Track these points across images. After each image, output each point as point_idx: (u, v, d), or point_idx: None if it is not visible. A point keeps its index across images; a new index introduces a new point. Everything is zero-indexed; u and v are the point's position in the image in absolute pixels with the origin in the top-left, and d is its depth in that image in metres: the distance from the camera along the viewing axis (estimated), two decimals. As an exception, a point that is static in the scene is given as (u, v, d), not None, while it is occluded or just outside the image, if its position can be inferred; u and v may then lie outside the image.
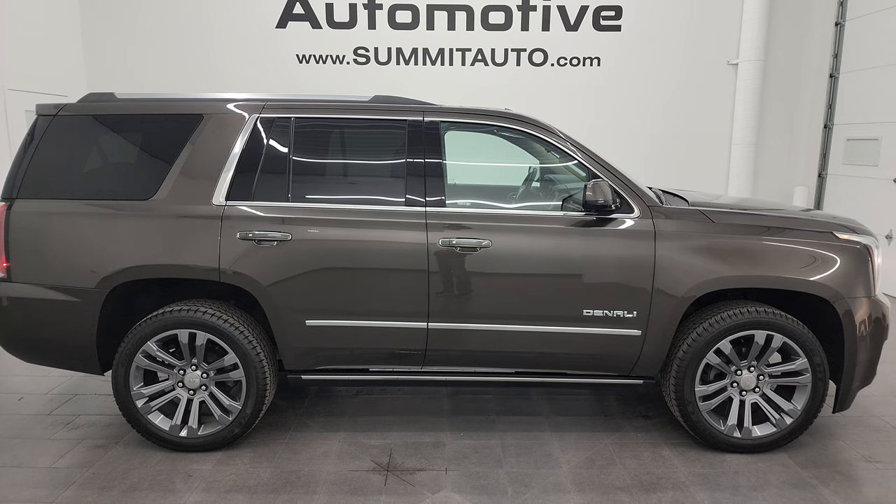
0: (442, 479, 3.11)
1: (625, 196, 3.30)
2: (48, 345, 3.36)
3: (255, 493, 2.96)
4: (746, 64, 7.95)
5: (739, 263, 3.21)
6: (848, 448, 3.47)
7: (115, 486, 3.02)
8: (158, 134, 3.39)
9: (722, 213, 3.37)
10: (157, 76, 8.16)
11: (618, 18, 8.17)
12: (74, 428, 3.64)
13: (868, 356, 3.28)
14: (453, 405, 4.01)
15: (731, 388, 3.32)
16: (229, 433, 3.31)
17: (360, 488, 3.02)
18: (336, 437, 3.53)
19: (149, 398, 3.28)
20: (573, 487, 3.04)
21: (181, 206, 3.23)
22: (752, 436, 3.32)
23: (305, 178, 3.36)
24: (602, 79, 8.27)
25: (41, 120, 3.34)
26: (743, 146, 8.10)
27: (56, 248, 3.24)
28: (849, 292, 3.20)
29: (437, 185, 3.30)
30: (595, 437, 3.57)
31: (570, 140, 3.43)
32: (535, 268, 3.25)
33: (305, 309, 3.25)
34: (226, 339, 3.21)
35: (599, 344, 3.30)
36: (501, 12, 8.15)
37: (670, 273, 3.20)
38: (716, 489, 3.03)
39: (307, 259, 3.21)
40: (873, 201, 7.15)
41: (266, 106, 3.39)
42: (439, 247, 3.21)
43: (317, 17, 8.15)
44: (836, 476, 3.17)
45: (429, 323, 3.27)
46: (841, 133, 7.92)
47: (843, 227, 3.39)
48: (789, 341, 3.22)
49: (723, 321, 3.20)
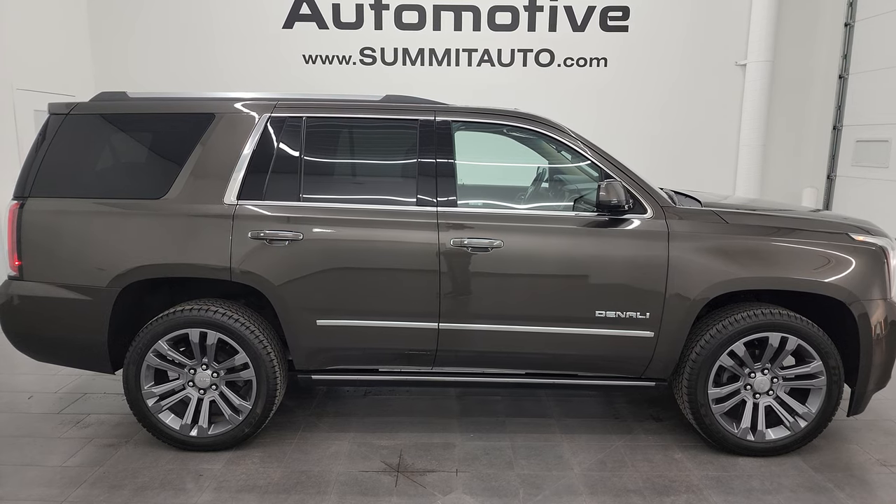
0: (453, 480, 3.10)
1: (637, 196, 3.28)
2: (59, 343, 3.36)
3: (265, 494, 2.95)
4: (754, 65, 7.91)
5: (753, 265, 3.19)
6: (862, 452, 3.44)
7: (125, 485, 3.01)
8: (170, 133, 3.38)
9: (735, 214, 3.35)
10: (164, 76, 8.17)
11: (625, 19, 8.14)
12: (84, 427, 3.63)
13: (883, 359, 3.25)
14: (462, 406, 3.99)
15: (745, 390, 3.29)
16: (239, 433, 3.30)
17: (370, 489, 3.01)
18: (346, 438, 3.52)
19: (159, 397, 3.28)
20: (585, 490, 3.02)
21: (192, 206, 3.23)
22: (766, 439, 3.30)
23: (317, 178, 3.35)
24: (609, 79, 8.24)
25: (53, 119, 3.34)
26: (751, 147, 8.06)
27: (68, 247, 3.24)
28: (864, 294, 3.17)
29: (448, 185, 3.29)
30: (606, 440, 3.54)
31: (581, 140, 3.41)
32: (547, 268, 3.23)
33: (316, 308, 3.24)
34: (236, 339, 3.20)
35: (611, 345, 3.28)
36: (508, 13, 8.13)
37: (684, 274, 3.18)
38: (729, 493, 3.01)
39: (318, 259, 3.20)
40: (883, 203, 7.10)
41: (277, 105, 3.38)
42: (451, 247, 3.20)
43: (323, 18, 8.15)
44: (851, 480, 3.14)
45: (440, 323, 3.25)
46: (850, 134, 7.87)
47: (858, 229, 3.36)
48: (804, 344, 3.19)
49: (737, 323, 3.18)
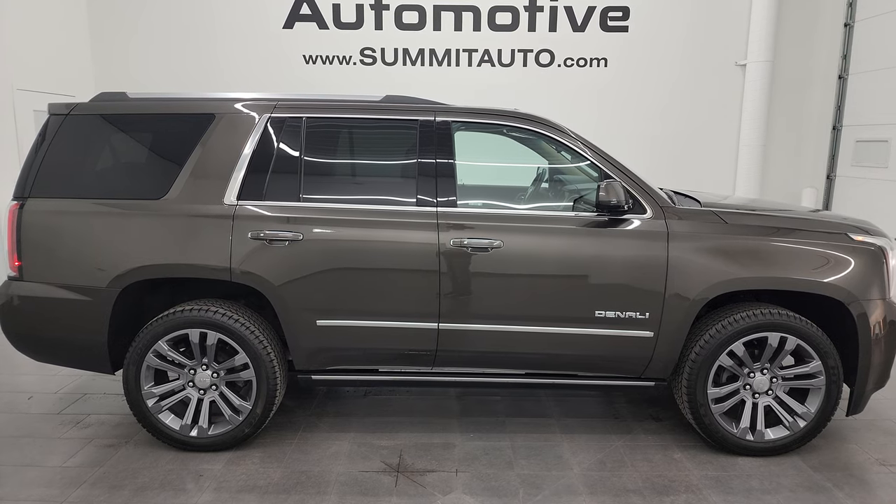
0: (452, 480, 3.10)
1: (637, 196, 3.28)
2: (59, 343, 3.36)
3: (266, 494, 2.95)
4: (754, 65, 7.92)
5: (753, 265, 3.19)
6: (861, 451, 3.44)
7: (125, 485, 3.01)
8: (170, 133, 3.39)
9: (735, 214, 3.35)
10: (164, 76, 8.18)
11: (625, 19, 8.15)
12: (84, 427, 3.64)
13: (882, 359, 3.25)
14: (462, 406, 4.00)
15: (744, 390, 3.29)
16: (239, 433, 3.30)
17: (370, 489, 3.01)
18: (346, 438, 3.52)
19: (159, 398, 3.28)
20: (585, 490, 3.02)
21: (192, 206, 3.23)
22: (765, 439, 3.30)
23: (317, 178, 3.35)
24: (609, 80, 8.25)
25: (53, 119, 3.34)
26: (751, 147, 8.06)
27: (68, 248, 3.24)
28: (863, 294, 3.18)
29: (448, 186, 3.29)
30: (605, 440, 3.55)
31: (581, 140, 3.41)
32: (547, 268, 3.24)
33: (316, 309, 3.25)
34: (236, 339, 3.21)
35: (611, 345, 3.28)
36: (508, 13, 8.14)
37: (683, 274, 3.18)
38: (729, 492, 3.01)
39: (318, 259, 3.21)
40: (883, 203, 7.11)
41: (277, 106, 3.39)
42: (450, 247, 3.20)
43: (323, 18, 8.16)
44: (850, 479, 3.14)
45: (439, 323, 3.26)
46: (850, 134, 7.88)
47: (857, 229, 3.37)
48: (803, 343, 3.19)
49: (736, 323, 3.18)
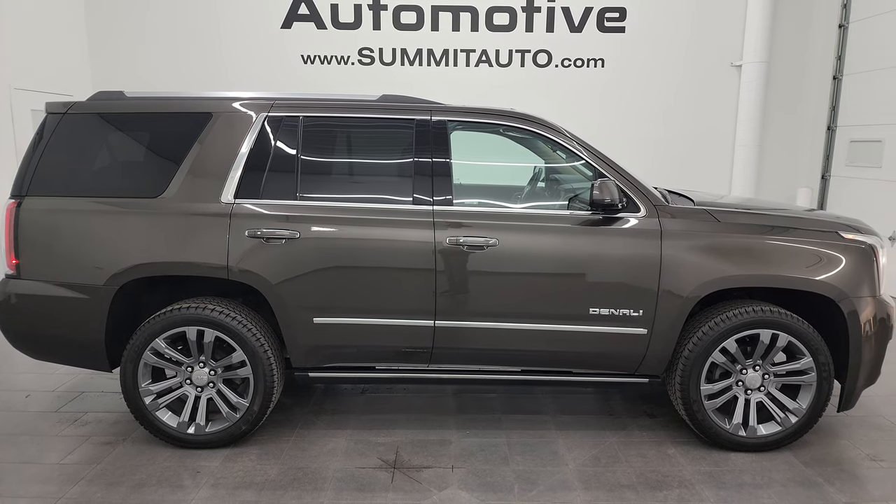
0: (449, 476, 3.13)
1: (631, 195, 3.31)
2: (57, 342, 3.38)
3: (262, 490, 2.98)
4: (750, 66, 7.97)
5: (745, 263, 3.23)
6: (852, 447, 3.48)
7: (123, 482, 3.03)
8: (167, 132, 3.41)
9: (727, 213, 3.39)
10: (162, 76, 8.20)
11: (622, 20, 8.19)
12: (82, 425, 3.66)
13: (873, 356, 3.29)
14: (458, 403, 4.03)
15: (737, 386, 3.33)
16: (237, 430, 3.32)
17: (367, 485, 3.03)
18: (342, 435, 3.55)
19: (157, 395, 3.30)
20: (579, 485, 3.05)
21: (190, 204, 3.25)
22: (757, 434, 3.34)
23: (313, 177, 3.37)
24: (606, 80, 8.29)
25: (51, 118, 3.35)
26: (746, 148, 8.11)
27: (65, 246, 3.26)
28: (854, 292, 3.21)
29: (444, 184, 3.32)
30: (600, 436, 3.58)
31: (576, 139, 3.44)
32: (542, 266, 3.27)
33: (313, 306, 3.27)
34: (234, 337, 3.23)
35: (605, 342, 3.31)
36: (506, 13, 8.18)
37: (676, 272, 3.21)
38: (721, 487, 3.04)
39: (315, 257, 3.23)
40: (877, 203, 7.16)
41: (275, 105, 3.41)
42: (446, 245, 3.23)
43: (322, 18, 8.19)
44: (841, 474, 3.18)
45: (435, 321, 3.28)
46: (844, 135, 7.93)
47: (848, 227, 3.40)
48: (794, 340, 3.23)
49: (728, 320, 3.22)
